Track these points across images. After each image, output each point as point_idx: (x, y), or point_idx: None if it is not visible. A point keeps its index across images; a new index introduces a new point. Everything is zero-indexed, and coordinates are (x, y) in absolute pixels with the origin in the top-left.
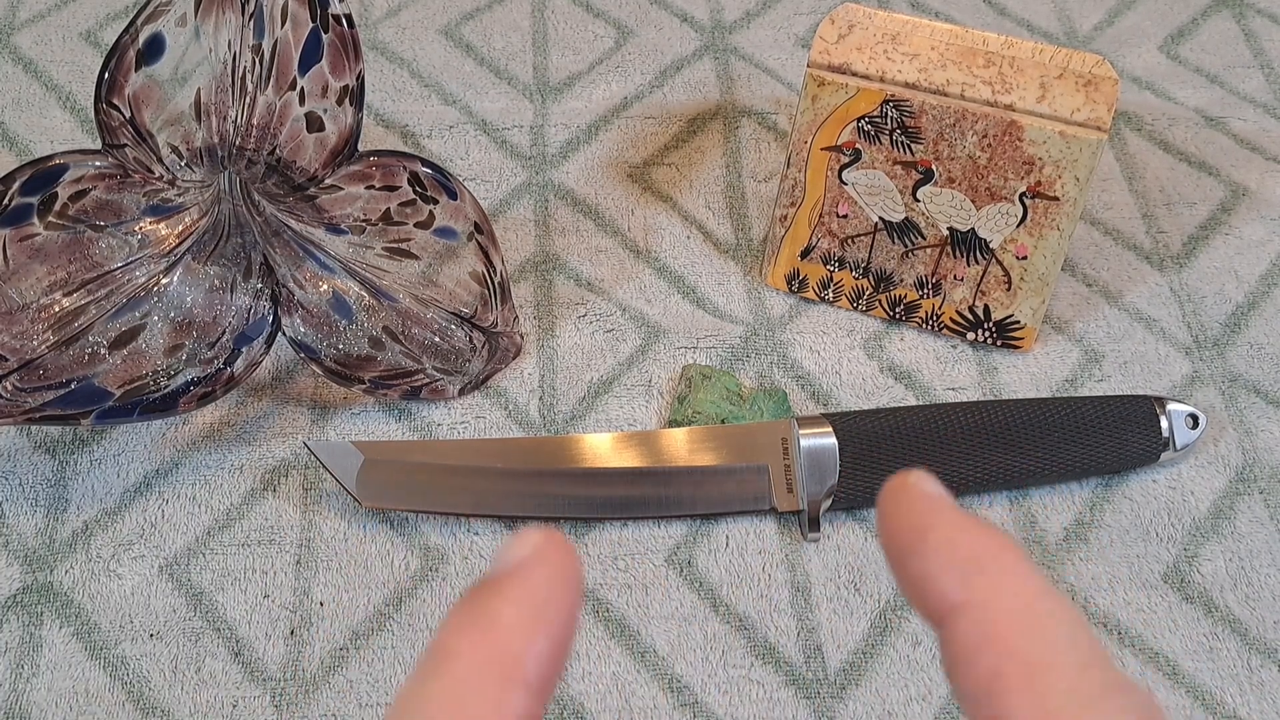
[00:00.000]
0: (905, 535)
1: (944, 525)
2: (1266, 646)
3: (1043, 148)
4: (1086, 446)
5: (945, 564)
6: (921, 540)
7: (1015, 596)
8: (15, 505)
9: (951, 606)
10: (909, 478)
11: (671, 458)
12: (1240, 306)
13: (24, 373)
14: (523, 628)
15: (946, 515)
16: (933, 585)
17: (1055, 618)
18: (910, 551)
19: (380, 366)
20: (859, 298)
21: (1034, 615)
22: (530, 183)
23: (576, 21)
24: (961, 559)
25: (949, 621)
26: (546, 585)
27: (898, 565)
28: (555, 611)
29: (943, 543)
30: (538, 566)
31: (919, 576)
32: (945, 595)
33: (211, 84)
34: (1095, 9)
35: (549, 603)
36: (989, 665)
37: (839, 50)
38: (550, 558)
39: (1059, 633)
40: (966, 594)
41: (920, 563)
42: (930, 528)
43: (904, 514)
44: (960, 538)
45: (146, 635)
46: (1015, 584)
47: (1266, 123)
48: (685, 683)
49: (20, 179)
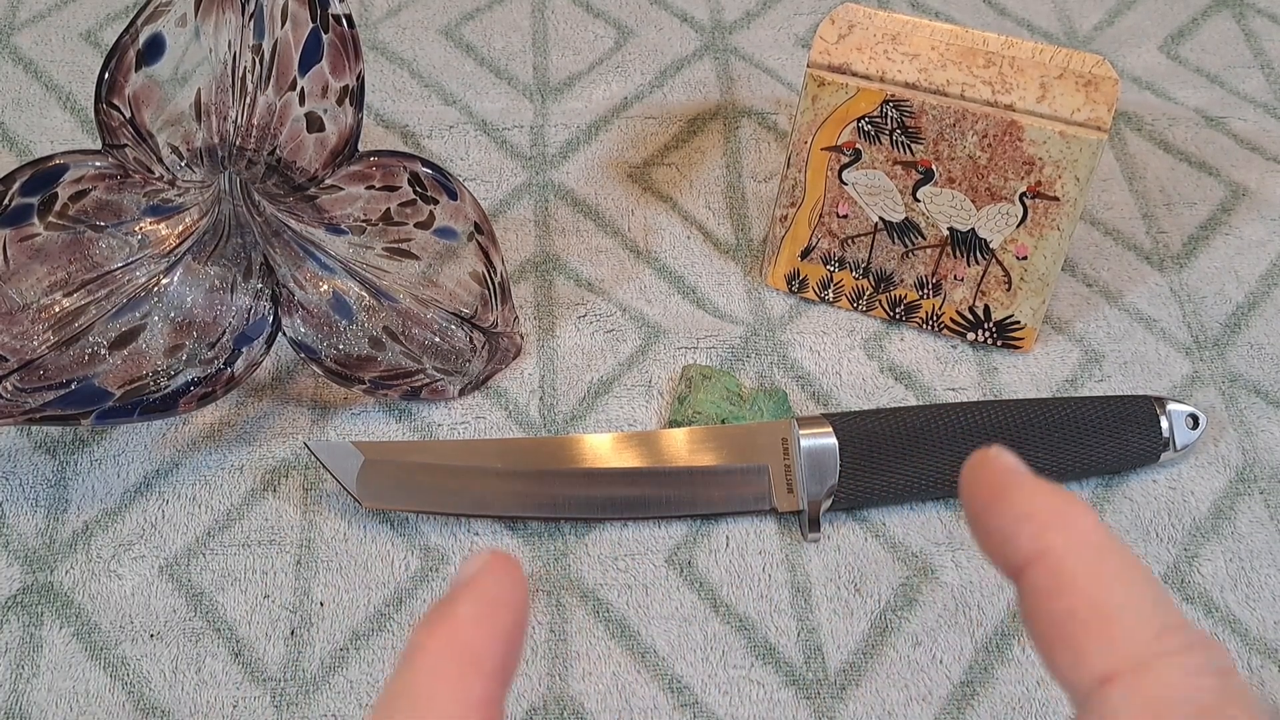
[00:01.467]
0: (986, 496)
1: (1023, 487)
2: (1267, 647)
3: (1043, 148)
4: (1087, 447)
5: (1022, 520)
6: (1000, 499)
7: (1086, 547)
8: (15, 505)
9: (1028, 557)
10: (989, 451)
11: (672, 458)
12: (1240, 306)
13: (24, 373)
14: (478, 622)
15: (1024, 479)
16: (1011, 540)
17: (1124, 567)
18: (990, 510)
19: (380, 367)
20: (859, 298)
21: (1104, 564)
22: (530, 183)
23: (576, 21)
24: (1037, 515)
25: (1026, 572)
26: (496, 587)
27: (978, 525)
28: (505, 608)
29: (1020, 501)
30: (487, 574)
31: (998, 532)
32: (1022, 548)
33: (211, 84)
34: (1095, 9)
35: (499, 601)
36: (1064, 607)
37: (839, 50)
38: (498, 567)
39: (1128, 579)
40: (1042, 545)
41: (999, 519)
42: (1009, 488)
43: (985, 479)
44: (1036, 498)
45: (147, 635)
46: (1086, 537)
47: (1266, 123)
48: (685, 683)
49: (20, 179)
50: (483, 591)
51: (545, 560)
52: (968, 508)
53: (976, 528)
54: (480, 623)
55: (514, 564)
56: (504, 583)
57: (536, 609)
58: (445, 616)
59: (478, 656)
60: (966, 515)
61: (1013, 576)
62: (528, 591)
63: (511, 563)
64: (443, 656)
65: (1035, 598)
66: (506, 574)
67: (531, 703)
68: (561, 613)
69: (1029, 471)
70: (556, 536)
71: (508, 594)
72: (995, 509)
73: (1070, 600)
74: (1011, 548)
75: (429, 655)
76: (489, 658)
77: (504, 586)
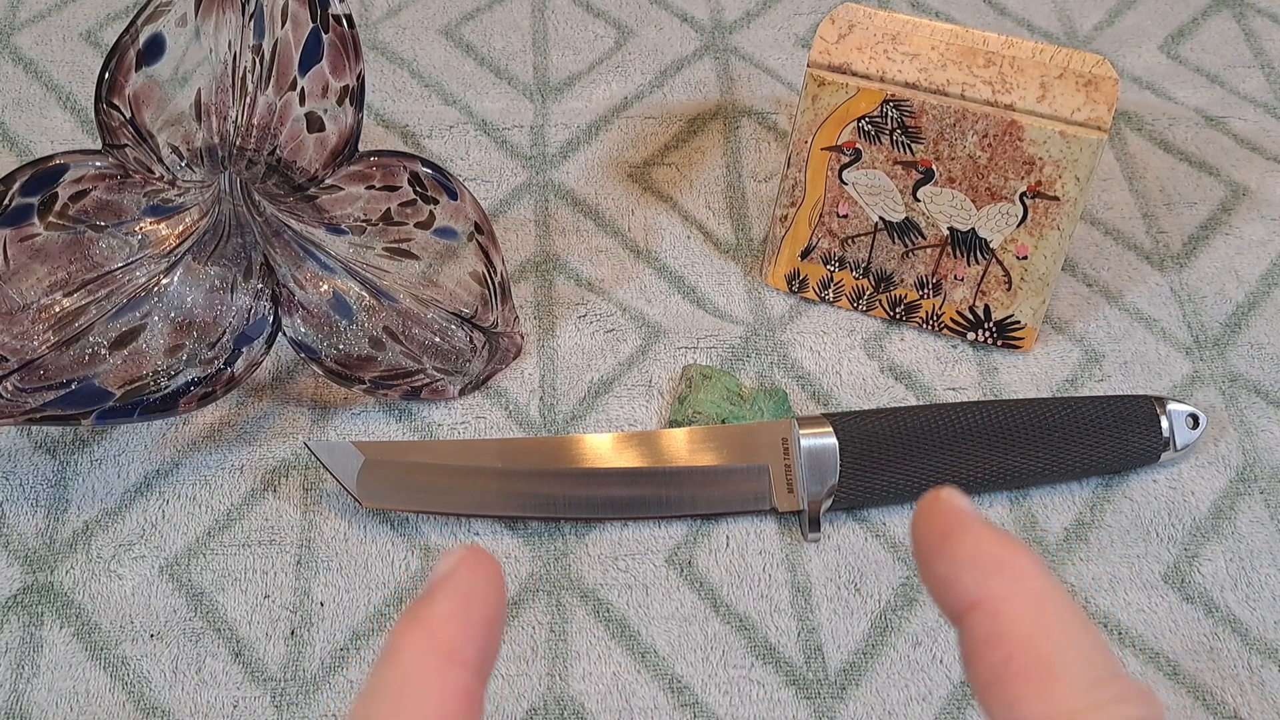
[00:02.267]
0: (933, 541)
1: (968, 532)
2: (1267, 646)
3: (1043, 147)
4: (1087, 446)
5: (966, 566)
6: (946, 544)
7: (1027, 595)
8: (16, 505)
9: (970, 603)
10: (941, 493)
11: (672, 458)
12: (1240, 306)
13: (24, 373)
14: (454, 617)
15: (970, 524)
16: (954, 585)
17: (1064, 616)
18: (936, 554)
19: (381, 367)
20: (859, 298)
21: (1044, 613)
22: (530, 183)
23: (577, 21)
24: (981, 561)
25: (967, 617)
26: (471, 582)
27: (925, 567)
28: (481, 602)
29: (965, 547)
30: (462, 570)
31: (943, 577)
32: (965, 593)
33: (212, 84)
34: (1095, 9)
35: (475, 596)
36: (1001, 655)
37: (839, 50)
38: (472, 562)
39: (1067, 629)
40: (984, 592)
41: (944, 564)
42: (955, 534)
43: (934, 522)
44: (980, 544)
45: (147, 635)
46: (1028, 585)
47: (1267, 122)
48: (686, 683)
49: (20, 179)
50: (458, 587)
51: (545, 560)
52: (916, 550)
53: (923, 570)
54: (457, 618)
55: (488, 558)
56: (479, 577)
57: (536, 609)
58: (422, 614)
59: (455, 650)
60: (915, 557)
61: (955, 621)
62: (503, 585)
63: (486, 557)
64: (421, 652)
65: (974, 644)
66: (481, 568)
67: (531, 703)
68: (561, 613)
69: (978, 515)
70: (556, 536)
71: (482, 588)
72: (941, 552)
73: (1007, 648)
74: (955, 592)
75: (408, 651)
76: (467, 651)
77: (479, 581)
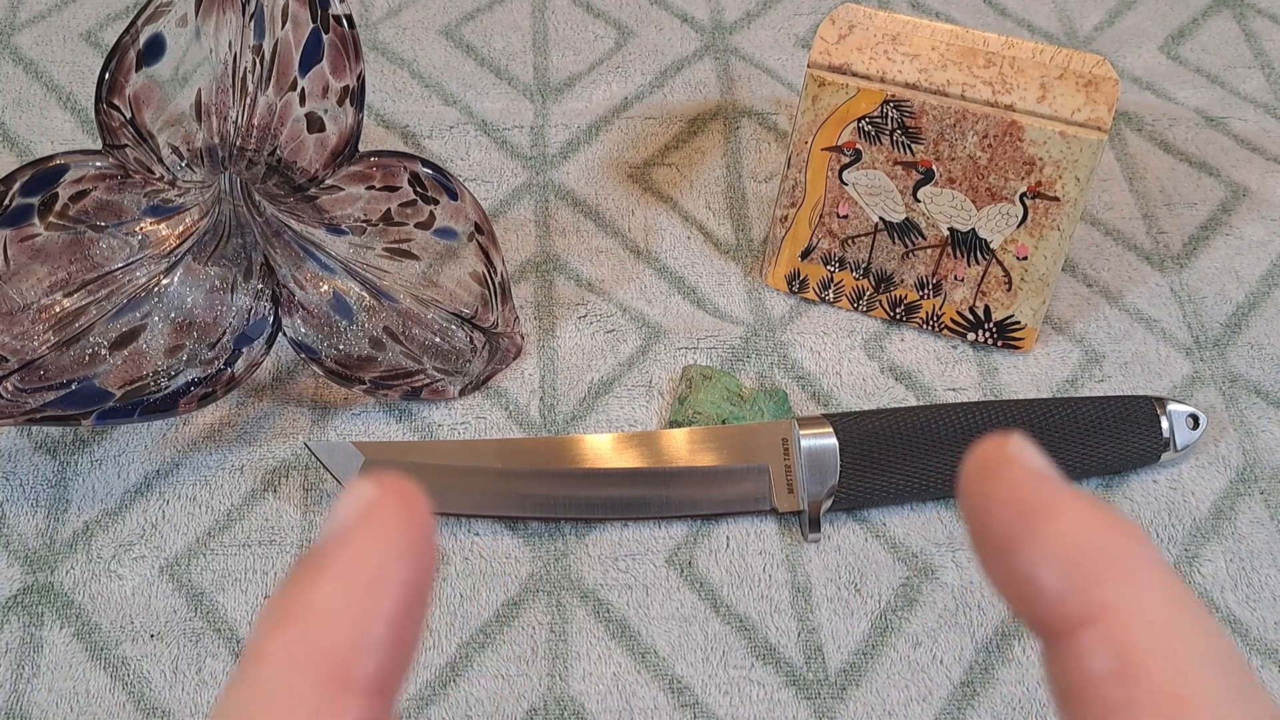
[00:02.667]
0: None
1: (1060, 512)
2: (1267, 647)
3: (1043, 148)
4: (1087, 447)
5: (1063, 565)
6: (1030, 530)
7: (1157, 613)
8: (16, 506)
9: (1075, 619)
10: (1008, 446)
11: (672, 458)
12: (1241, 307)
13: (25, 373)
14: (348, 613)
15: (1060, 499)
16: (1045, 589)
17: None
18: (1014, 543)
19: (381, 367)
20: (859, 298)
21: (1176, 636)
22: (530, 183)
23: (577, 22)
24: (1084, 559)
25: (1073, 637)
26: (381, 553)
27: (994, 558)
28: (395, 586)
29: (1059, 536)
30: (366, 530)
31: (1024, 575)
32: (1062, 604)
33: (212, 84)
34: (1095, 9)
35: (383, 576)
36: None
37: (839, 50)
38: (386, 515)
39: (1212, 661)
40: (1095, 602)
41: (1028, 559)
42: (1041, 514)
43: (1004, 494)
44: (1081, 530)
45: (147, 636)
46: (1151, 594)
47: (1267, 123)
48: (686, 683)
49: (21, 179)
50: (360, 563)
51: (545, 560)
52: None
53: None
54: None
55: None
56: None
57: (537, 609)
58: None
59: (347, 665)
60: (972, 539)
61: (1045, 638)
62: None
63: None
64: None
65: (1081, 675)
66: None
67: (531, 703)
68: (562, 613)
69: (1062, 479)
70: (557, 537)
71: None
72: (1024, 540)
73: (1135, 690)
74: (1047, 600)
75: (277, 664)
76: (365, 666)
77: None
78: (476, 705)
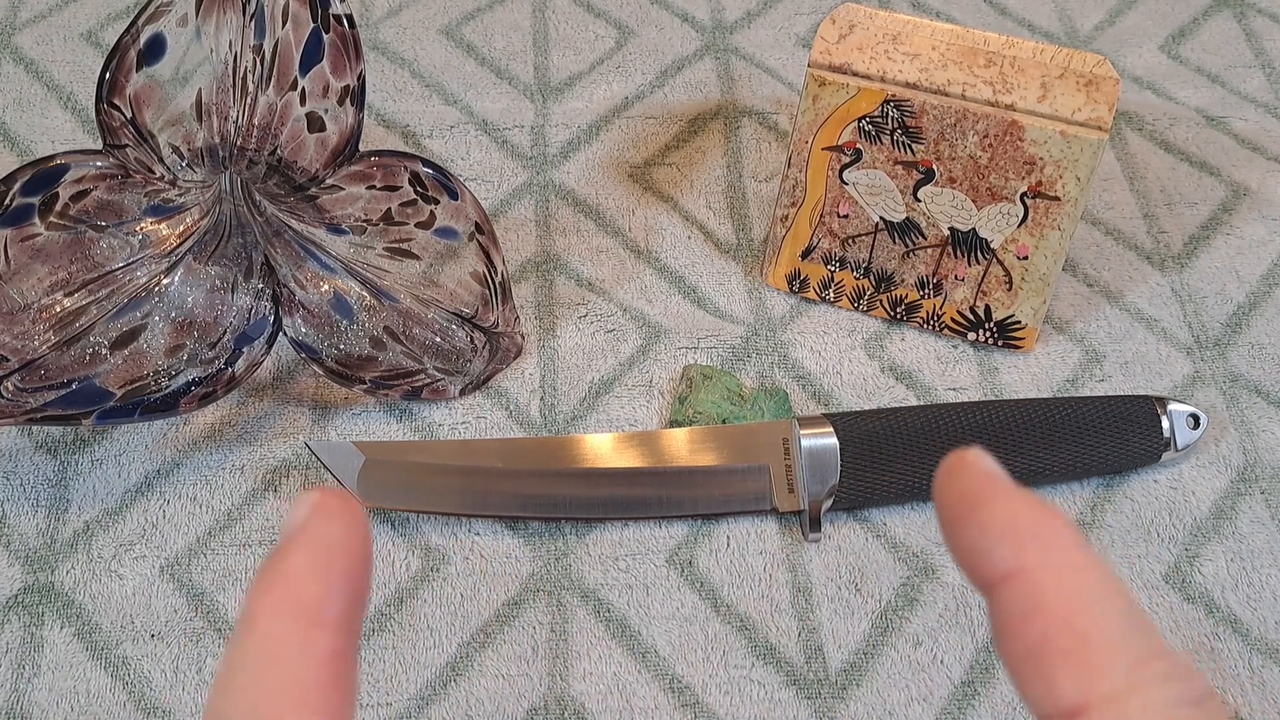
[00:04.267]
0: (961, 506)
1: (999, 498)
2: (1268, 647)
3: (1044, 147)
4: (1087, 447)
5: (998, 534)
6: (976, 510)
7: (1065, 566)
8: (16, 505)
9: (1002, 575)
10: (967, 454)
11: (672, 458)
12: (1241, 306)
13: (25, 373)
14: (314, 573)
15: (1003, 488)
16: (985, 554)
17: (1106, 590)
18: (965, 520)
19: (381, 367)
20: (860, 298)
21: (1083, 585)
22: (531, 183)
23: (577, 21)
24: (1014, 529)
25: (999, 589)
26: (330, 532)
27: (951, 534)
28: (343, 553)
29: (996, 514)
30: (318, 519)
31: (972, 545)
32: (996, 564)
33: (212, 84)
34: (1096, 9)
35: (335, 547)
36: (1037, 631)
37: (840, 50)
38: (329, 508)
39: (1107, 603)
40: (1018, 563)
41: (974, 532)
42: (985, 499)
43: (961, 486)
44: (1013, 510)
45: (148, 636)
46: (1065, 555)
47: (1267, 122)
48: (686, 683)
49: (21, 179)
50: (313, 538)
51: (546, 560)
52: (941, 516)
53: (950, 538)
54: (315, 573)
55: (344, 499)
56: (335, 524)
57: (537, 609)
58: (277, 573)
59: (317, 610)
60: (940, 524)
61: (985, 593)
62: (366, 527)
63: (341, 498)
64: (280, 616)
65: (1008, 618)
66: (338, 514)
67: (532, 703)
68: (562, 613)
69: (1008, 478)
70: (557, 536)
71: (340, 535)
72: (971, 520)
73: (1044, 623)
74: (986, 563)
75: (265, 616)
76: (330, 609)
77: (336, 528)
78: (476, 705)
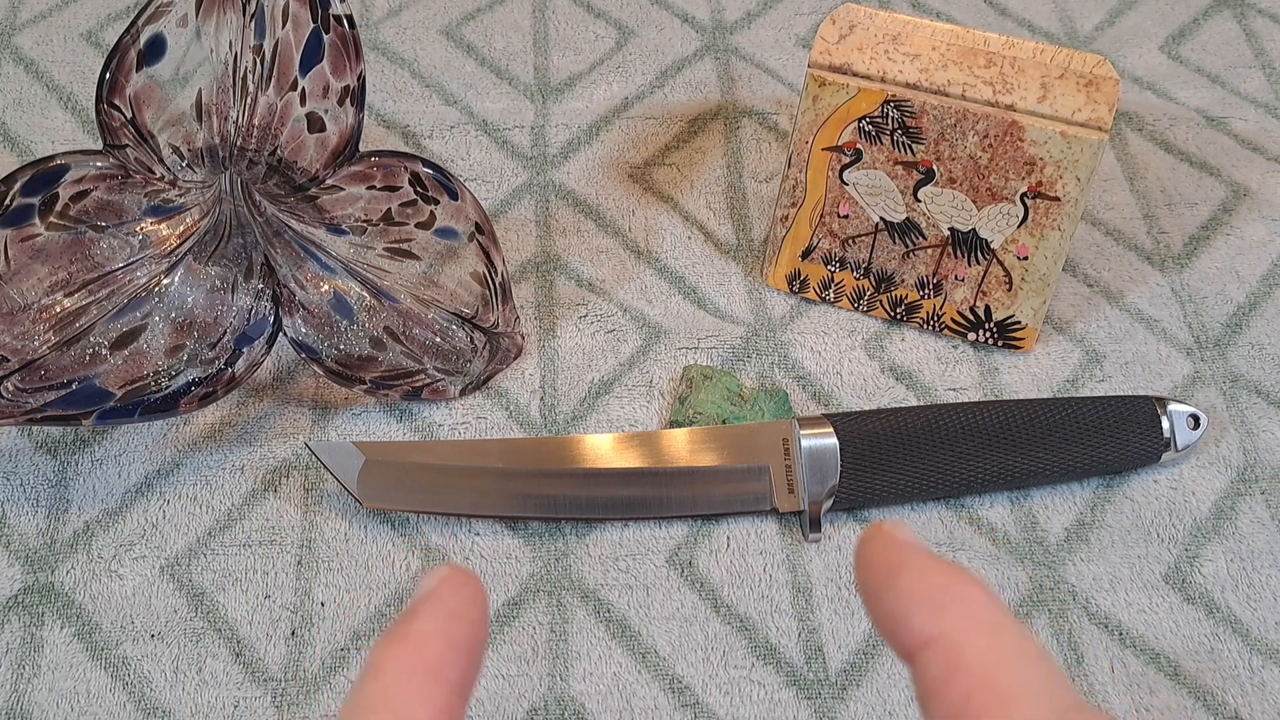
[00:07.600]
0: (879, 574)
1: (913, 566)
2: (1268, 647)
3: (1044, 148)
4: (1087, 447)
5: (915, 601)
6: (893, 578)
7: (981, 629)
8: (16, 506)
9: (922, 640)
10: (883, 525)
11: (672, 458)
12: (1241, 307)
13: (25, 373)
14: (436, 635)
15: (916, 557)
16: (904, 621)
17: (1020, 648)
18: (883, 590)
19: (381, 367)
20: (860, 298)
21: (1000, 645)
22: (531, 183)
23: (577, 22)
24: (930, 596)
25: (920, 655)
26: (453, 600)
27: (872, 603)
28: (463, 621)
29: (912, 581)
30: (444, 588)
31: (891, 613)
32: (916, 630)
33: (213, 84)
34: (1096, 9)
35: (457, 614)
36: (960, 692)
37: (840, 50)
38: (455, 580)
39: (1025, 661)
40: (936, 627)
41: (892, 601)
42: (901, 568)
43: (877, 557)
44: (928, 577)
45: (148, 636)
46: (981, 617)
47: (1268, 123)
48: (686, 683)
49: (21, 179)
50: (440, 605)
51: (546, 560)
52: (861, 586)
53: (871, 607)
54: (439, 636)
55: (472, 578)
56: (461, 596)
57: (537, 609)
58: (406, 630)
59: (438, 668)
60: (861, 594)
61: (908, 661)
62: (486, 604)
63: (469, 577)
64: (404, 669)
65: (930, 683)
66: (465, 588)
67: (532, 703)
68: (562, 613)
69: (923, 546)
70: (557, 537)
71: (465, 607)
72: (889, 588)
73: (966, 684)
74: (906, 629)
75: (391, 668)
76: (449, 668)
77: (461, 600)
78: (476, 705)
